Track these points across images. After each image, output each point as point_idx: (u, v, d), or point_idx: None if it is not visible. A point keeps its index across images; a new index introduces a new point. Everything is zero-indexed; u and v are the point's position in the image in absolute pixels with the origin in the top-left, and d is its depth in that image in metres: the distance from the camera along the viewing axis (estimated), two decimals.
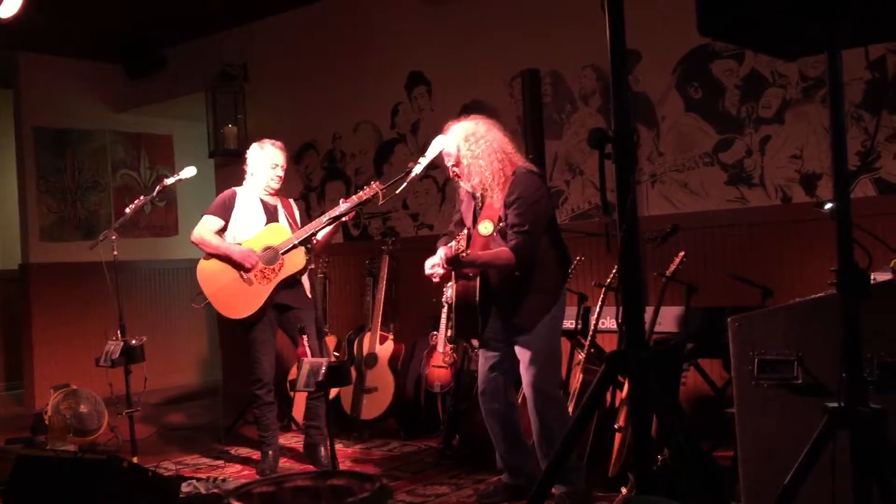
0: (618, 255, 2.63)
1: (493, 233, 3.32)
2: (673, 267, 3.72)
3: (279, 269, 4.22)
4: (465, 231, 3.31)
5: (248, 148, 6.41)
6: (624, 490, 2.49)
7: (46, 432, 4.87)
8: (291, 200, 4.56)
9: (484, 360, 3.55)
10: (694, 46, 4.51)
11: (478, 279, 3.34)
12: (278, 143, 4.42)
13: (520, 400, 3.69)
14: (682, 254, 3.75)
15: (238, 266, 4.21)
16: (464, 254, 3.13)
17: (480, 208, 3.41)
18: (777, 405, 2.34)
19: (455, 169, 3.38)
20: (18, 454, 3.68)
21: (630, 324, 1.87)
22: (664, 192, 4.67)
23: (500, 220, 3.31)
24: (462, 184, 3.42)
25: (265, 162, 4.35)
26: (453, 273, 3.37)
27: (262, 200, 4.37)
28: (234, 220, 4.32)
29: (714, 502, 2.07)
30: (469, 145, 3.30)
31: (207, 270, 4.28)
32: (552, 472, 1.99)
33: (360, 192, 3.97)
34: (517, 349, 3.40)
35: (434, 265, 3.40)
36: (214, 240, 4.27)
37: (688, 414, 4.23)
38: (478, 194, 3.40)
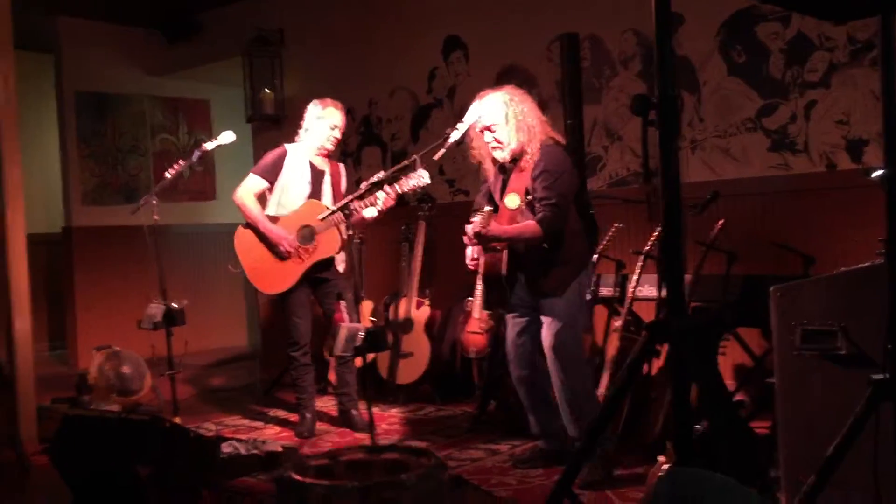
0: (658, 224, 2.60)
1: (520, 206, 3.32)
2: (713, 234, 3.67)
3: (313, 250, 4.21)
4: (488, 208, 3.33)
5: (285, 112, 6.54)
6: (661, 458, 2.48)
7: (90, 392, 4.98)
8: (342, 165, 4.50)
9: (511, 327, 3.57)
10: (738, 9, 4.40)
11: (505, 251, 3.35)
12: (339, 104, 4.34)
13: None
14: (721, 221, 3.70)
15: (273, 245, 4.23)
16: (484, 230, 3.16)
17: (507, 181, 3.41)
18: (819, 376, 2.31)
19: (494, 133, 3.35)
20: (64, 413, 3.78)
21: (671, 293, 1.85)
22: (705, 158, 4.60)
23: (527, 192, 3.31)
24: (497, 154, 3.40)
25: (323, 122, 4.27)
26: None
27: (311, 164, 4.31)
28: (279, 183, 4.29)
29: (753, 471, 2.06)
30: (515, 105, 3.32)
31: (245, 240, 4.31)
32: (590, 441, 1.99)
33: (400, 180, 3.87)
34: (542, 313, 3.41)
35: (471, 256, 3.45)
36: (255, 209, 4.26)
37: (726, 382, 4.20)
38: (508, 164, 3.41)
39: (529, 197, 3.30)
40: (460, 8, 5.60)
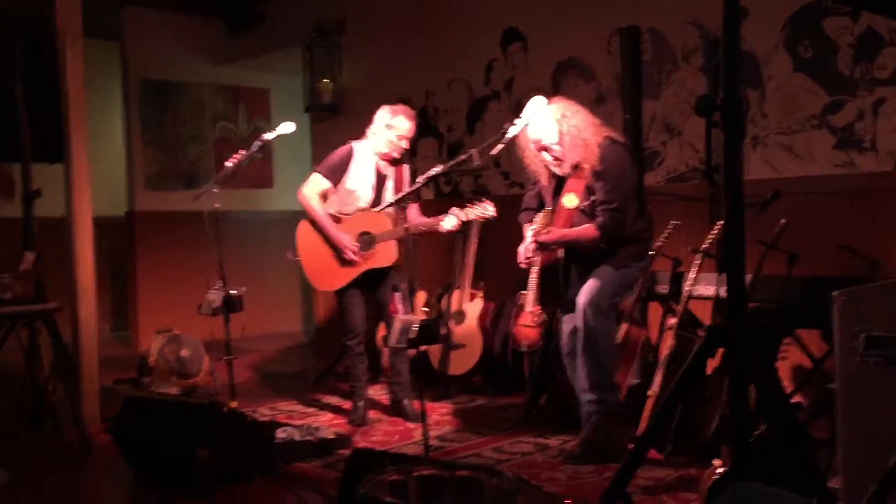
0: (717, 222, 2.56)
1: (578, 206, 3.32)
2: (774, 234, 3.61)
3: (370, 258, 4.27)
4: (546, 209, 3.34)
5: (343, 103, 6.59)
6: (716, 462, 2.46)
7: (151, 374, 5.13)
8: (406, 167, 4.49)
9: (567, 322, 3.57)
10: (805, 2, 4.30)
11: (561, 251, 3.37)
12: (410, 112, 4.34)
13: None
14: (783, 221, 3.62)
15: (333, 246, 4.28)
16: (544, 232, 3.19)
17: (564, 181, 3.41)
18: (884, 383, 2.25)
19: (552, 152, 3.38)
20: (126, 394, 3.90)
21: (731, 298, 1.83)
22: (766, 155, 4.51)
23: (587, 191, 3.30)
24: (556, 170, 3.45)
25: (391, 131, 4.28)
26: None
27: (376, 167, 4.35)
28: (343, 185, 4.32)
29: (811, 479, 2.03)
30: (568, 120, 3.35)
31: (305, 234, 4.38)
32: (647, 439, 1.99)
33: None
34: (588, 280, 3.44)
35: (526, 252, 3.47)
36: (319, 209, 4.30)
37: (784, 384, 4.13)
38: (571, 173, 3.42)
39: (593, 198, 3.29)
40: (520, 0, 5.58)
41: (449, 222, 4.14)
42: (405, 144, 4.33)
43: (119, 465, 3.60)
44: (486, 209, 4.09)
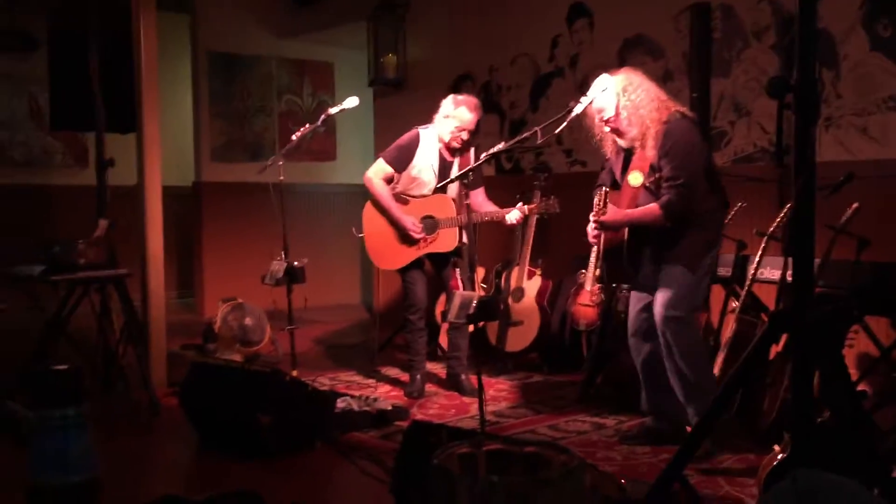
0: (785, 205, 2.51)
1: (643, 183, 3.27)
2: (845, 218, 3.52)
3: (431, 242, 4.33)
4: (603, 189, 3.31)
5: (406, 77, 6.61)
6: (777, 448, 2.43)
7: (216, 341, 5.27)
8: (472, 151, 4.47)
9: (636, 302, 3.53)
10: None
11: (626, 229, 3.33)
12: (474, 103, 4.34)
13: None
14: (855, 205, 3.53)
15: (399, 228, 4.34)
16: (602, 213, 3.21)
17: (630, 157, 3.36)
18: None
19: (611, 123, 3.34)
20: (193, 360, 4.02)
21: (798, 283, 1.80)
22: (839, 136, 4.38)
23: (651, 169, 3.26)
24: (618, 140, 3.39)
25: (451, 121, 4.30)
26: None
27: (441, 154, 4.38)
28: (409, 170, 4.36)
29: (876, 469, 2.00)
30: (629, 95, 3.27)
31: (371, 215, 4.46)
32: (705, 425, 1.98)
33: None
34: (660, 283, 3.33)
35: (590, 232, 3.44)
36: (385, 193, 4.36)
37: (850, 371, 4.04)
38: (635, 147, 3.36)
39: (657, 175, 3.24)
40: None
41: (513, 216, 4.26)
42: (465, 136, 4.34)
43: (185, 427, 3.72)
44: (552, 206, 4.22)
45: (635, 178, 3.30)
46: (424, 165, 4.36)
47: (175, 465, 3.58)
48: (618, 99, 3.29)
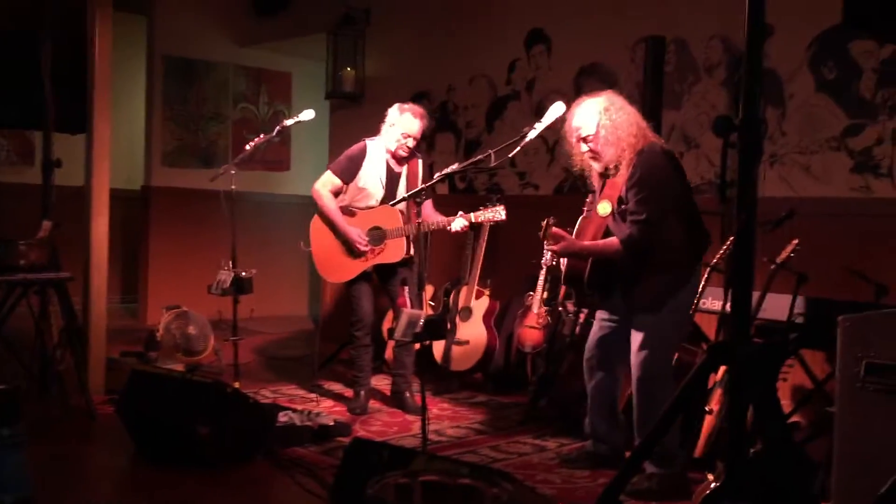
0: (728, 237, 2.57)
1: (610, 214, 3.27)
2: (785, 254, 3.61)
3: (379, 253, 4.34)
4: (550, 218, 3.33)
5: (364, 92, 6.62)
6: (710, 476, 2.48)
7: (157, 349, 5.18)
8: (420, 160, 4.51)
9: (597, 329, 3.51)
10: (832, 24, 4.29)
11: (588, 261, 3.32)
12: (419, 111, 4.35)
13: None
14: (795, 241, 3.63)
15: (345, 241, 4.33)
16: (560, 247, 3.21)
17: (603, 187, 3.38)
18: (882, 411, 2.27)
19: (589, 144, 3.29)
20: (133, 368, 3.95)
21: (737, 316, 1.85)
22: (783, 173, 4.51)
23: (619, 200, 3.23)
24: (594, 164, 3.35)
25: (395, 129, 4.32)
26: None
27: (388, 164, 4.39)
28: (356, 182, 4.36)
29: (804, 499, 2.06)
30: (609, 115, 3.22)
31: (318, 228, 4.44)
32: (646, 448, 2.01)
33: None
34: (634, 327, 3.29)
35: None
36: (331, 205, 4.35)
37: (783, 402, 4.15)
38: (609, 170, 3.32)
39: (624, 206, 3.20)
40: (547, 1, 5.58)
41: (457, 224, 4.24)
42: (411, 143, 4.36)
43: (121, 436, 3.65)
44: (498, 213, 4.15)
45: (604, 208, 3.30)
46: (372, 176, 4.36)
47: (109, 473, 3.51)
48: (598, 117, 3.24)
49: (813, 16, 4.32)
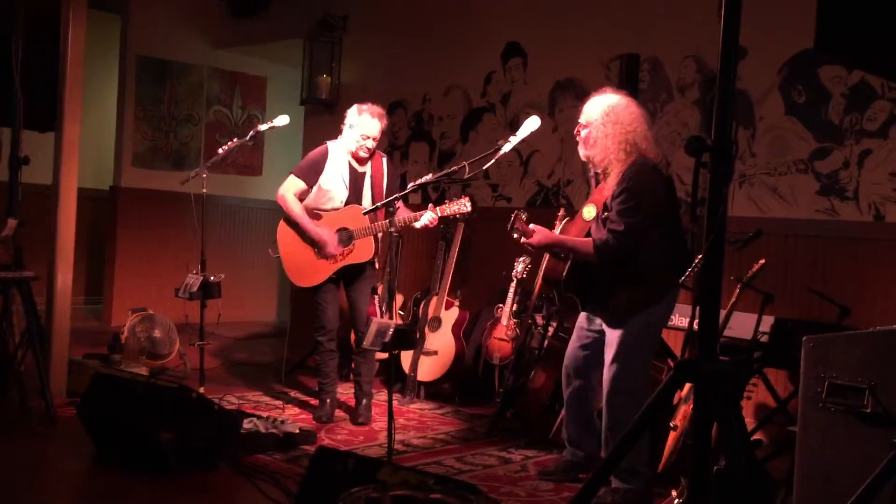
0: (696, 255, 2.60)
1: (594, 218, 3.30)
2: (751, 273, 3.67)
3: (347, 254, 4.31)
4: (517, 211, 3.34)
5: (339, 99, 6.61)
6: (674, 492, 2.50)
7: (121, 352, 5.10)
8: (385, 158, 4.50)
9: (576, 338, 3.50)
10: (804, 48, 4.38)
11: (568, 262, 3.33)
12: (377, 111, 4.33)
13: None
14: (762, 262, 3.68)
15: (314, 243, 4.31)
16: (514, 234, 3.21)
17: (592, 190, 3.41)
18: (842, 431, 2.31)
19: (580, 128, 3.31)
20: (96, 371, 3.89)
21: (704, 334, 1.87)
22: (752, 194, 4.58)
23: (604, 207, 3.24)
24: (580, 149, 3.35)
25: (356, 129, 4.31)
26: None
27: (350, 165, 4.37)
28: (319, 184, 4.33)
29: None
30: (606, 120, 3.21)
31: (286, 232, 4.41)
32: (610, 464, 2.02)
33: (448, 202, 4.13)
34: (606, 341, 3.31)
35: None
36: (297, 208, 4.32)
37: (747, 420, 4.19)
38: (598, 169, 3.34)
39: (605, 214, 3.23)
40: (525, 16, 5.62)
41: (425, 218, 4.11)
42: (371, 144, 4.34)
43: (82, 440, 3.59)
44: (463, 205, 4.07)
45: (588, 212, 3.33)
46: (335, 177, 4.34)
47: (69, 479, 3.44)
48: (598, 116, 3.24)
49: (785, 39, 4.40)
